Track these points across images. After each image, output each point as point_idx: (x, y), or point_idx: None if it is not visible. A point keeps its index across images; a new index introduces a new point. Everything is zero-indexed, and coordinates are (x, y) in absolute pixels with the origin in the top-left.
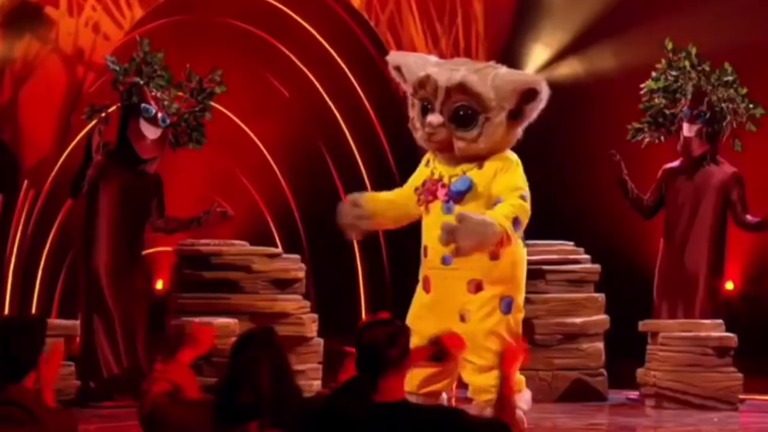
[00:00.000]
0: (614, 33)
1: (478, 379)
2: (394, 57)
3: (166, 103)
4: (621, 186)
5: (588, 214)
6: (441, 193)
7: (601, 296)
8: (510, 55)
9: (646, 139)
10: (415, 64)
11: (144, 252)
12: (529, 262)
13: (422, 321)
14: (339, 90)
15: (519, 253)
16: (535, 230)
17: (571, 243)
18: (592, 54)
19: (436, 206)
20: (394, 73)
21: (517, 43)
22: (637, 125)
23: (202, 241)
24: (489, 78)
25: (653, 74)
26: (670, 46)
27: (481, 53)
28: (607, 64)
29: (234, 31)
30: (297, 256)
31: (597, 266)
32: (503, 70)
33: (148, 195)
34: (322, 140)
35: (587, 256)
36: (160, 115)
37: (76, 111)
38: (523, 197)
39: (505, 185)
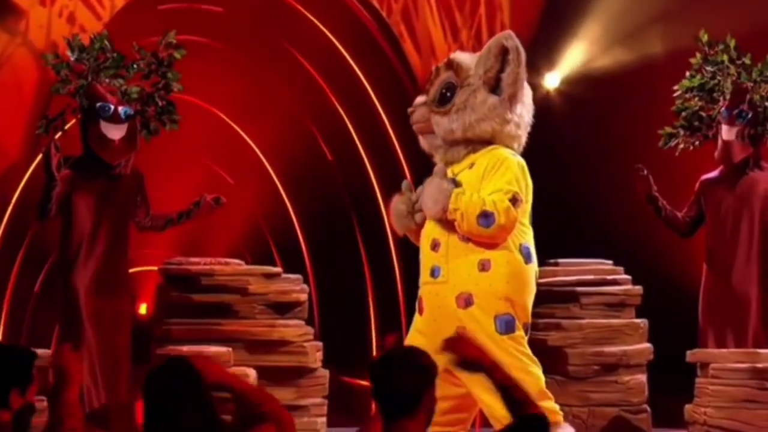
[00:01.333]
0: (660, 23)
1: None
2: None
3: (124, 88)
4: (650, 204)
5: (627, 228)
6: None
7: (643, 322)
8: (540, 48)
9: (680, 146)
10: None
11: (129, 270)
12: (562, 284)
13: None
14: (346, 88)
15: (515, 266)
16: (567, 248)
17: (609, 262)
18: (635, 47)
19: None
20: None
21: (548, 35)
22: (669, 130)
23: (192, 259)
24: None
25: (687, 74)
26: (705, 38)
27: None
28: (653, 58)
29: (227, 22)
30: (299, 277)
31: (638, 288)
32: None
33: (129, 197)
34: (328, 145)
35: (627, 277)
36: (120, 109)
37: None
38: (512, 199)
39: (492, 187)
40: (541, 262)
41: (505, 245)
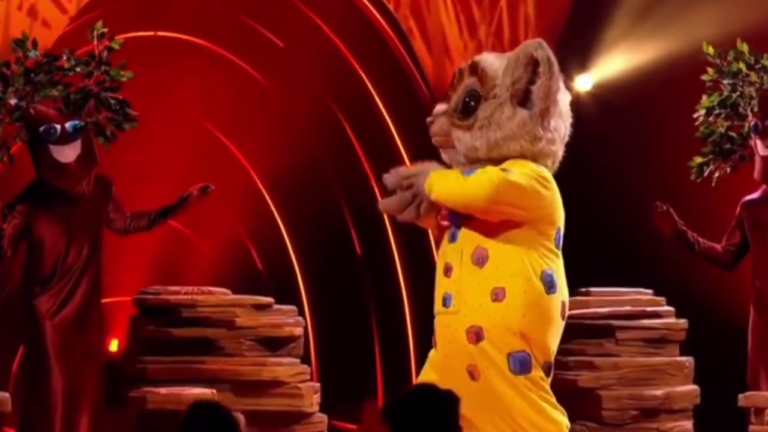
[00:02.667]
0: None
1: None
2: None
3: (67, 95)
4: (679, 240)
5: (669, 253)
6: (442, 220)
7: (688, 360)
8: (570, 46)
9: (715, 174)
10: None
11: (101, 300)
12: (595, 317)
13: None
14: (347, 92)
15: (533, 296)
16: (602, 275)
17: (649, 291)
18: (683, 39)
19: (446, 234)
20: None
21: (578, 32)
22: (699, 159)
23: (170, 288)
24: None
25: (704, 97)
26: (710, 50)
27: None
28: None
29: (210, 16)
30: (293, 308)
31: (683, 321)
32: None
33: (97, 214)
34: (327, 156)
35: (670, 308)
36: (68, 125)
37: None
38: (503, 170)
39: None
40: (571, 291)
41: (522, 271)
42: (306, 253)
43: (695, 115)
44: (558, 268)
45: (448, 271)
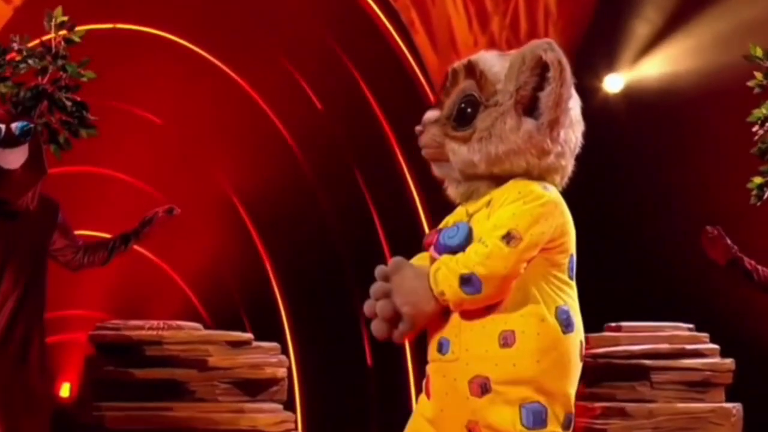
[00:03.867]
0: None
1: None
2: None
3: (17, 93)
4: (734, 269)
5: (712, 282)
6: (432, 248)
7: (736, 407)
8: (597, 41)
9: None
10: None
11: (45, 338)
12: (627, 356)
13: None
14: (340, 95)
15: (549, 338)
16: (634, 307)
17: (690, 326)
18: (726, 42)
19: None
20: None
21: (608, 26)
22: (758, 180)
23: (132, 322)
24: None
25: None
26: (758, 51)
27: (553, 39)
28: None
29: (181, 8)
30: (275, 345)
31: (729, 361)
32: None
33: (41, 237)
34: (315, 173)
35: (713, 347)
36: (14, 126)
37: None
38: (505, 237)
39: (492, 223)
40: (598, 326)
41: (535, 309)
42: (290, 283)
43: (754, 129)
44: (574, 303)
45: (445, 311)
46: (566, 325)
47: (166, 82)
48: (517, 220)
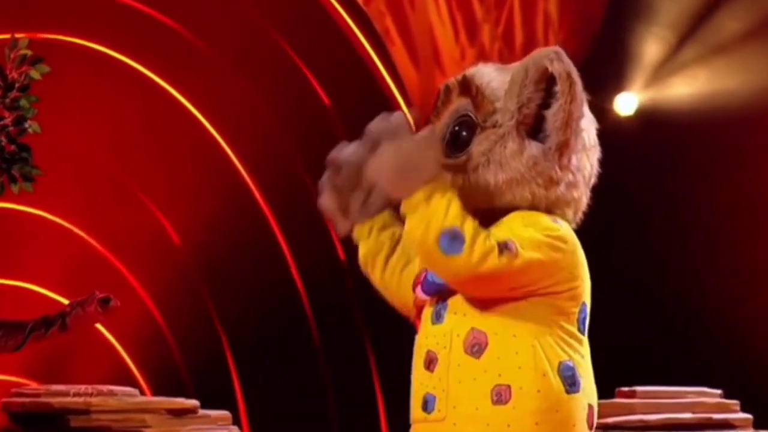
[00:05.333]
0: None
1: None
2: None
3: None
4: None
5: (744, 339)
6: (419, 293)
7: None
8: (603, 58)
9: None
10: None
11: None
12: (643, 426)
13: None
14: (303, 119)
15: (550, 397)
16: (651, 369)
17: (717, 392)
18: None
19: (426, 313)
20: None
21: (618, 37)
22: None
23: (54, 387)
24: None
25: None
26: None
27: None
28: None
29: (113, 14)
30: (225, 414)
31: None
32: None
33: None
34: (271, 209)
35: (746, 416)
36: None
37: None
38: (501, 245)
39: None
40: (608, 391)
41: (534, 362)
42: (244, 339)
43: None
44: (583, 360)
45: (430, 363)
46: (570, 384)
47: (92, 101)
48: (519, 239)
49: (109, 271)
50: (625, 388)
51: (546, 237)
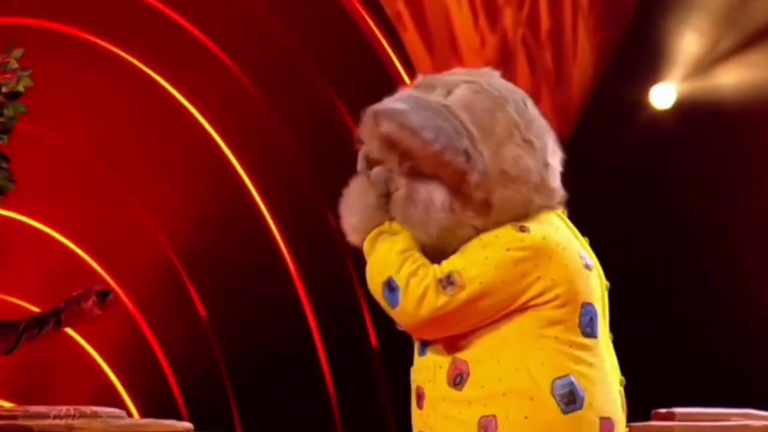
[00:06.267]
0: None
1: None
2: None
3: None
4: None
5: None
6: None
7: None
8: (642, 41)
9: None
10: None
11: None
12: None
13: None
14: (307, 115)
15: (544, 422)
16: (691, 389)
17: (766, 414)
18: None
19: (415, 344)
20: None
21: (649, 24)
22: None
23: (33, 409)
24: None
25: None
26: None
27: (584, 41)
28: None
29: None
30: None
31: None
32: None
33: None
34: (273, 216)
35: None
36: None
37: None
38: (445, 279)
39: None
40: (643, 412)
41: (519, 387)
42: (241, 357)
43: None
44: (590, 369)
45: (419, 399)
46: (568, 402)
47: (80, 95)
48: (470, 264)
49: (93, 281)
50: (663, 410)
51: (507, 252)
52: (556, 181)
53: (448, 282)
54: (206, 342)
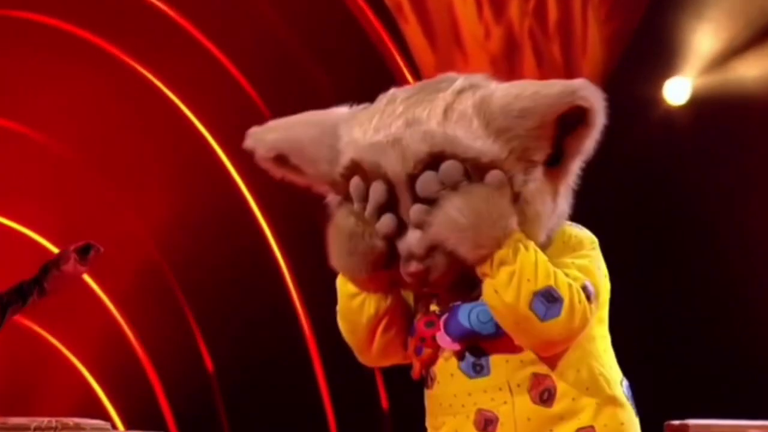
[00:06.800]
0: None
1: None
2: (262, 137)
3: None
4: None
5: None
6: (443, 339)
7: None
8: (656, 33)
9: None
10: (311, 140)
11: None
12: None
13: None
14: (291, 106)
15: (630, 421)
16: (706, 396)
17: None
18: None
19: (449, 365)
20: (272, 168)
21: (666, 15)
22: None
23: (13, 420)
24: (479, 111)
25: None
26: None
27: (594, 33)
28: None
29: None
30: None
31: None
32: (502, 86)
33: None
34: (270, 222)
35: None
36: None
37: None
38: (588, 294)
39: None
40: (656, 425)
41: (607, 393)
42: (232, 368)
43: None
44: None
45: (487, 424)
46: (633, 404)
47: (66, 91)
48: (583, 271)
49: (76, 286)
50: (676, 422)
51: (593, 251)
52: None
53: (589, 293)
54: (195, 351)
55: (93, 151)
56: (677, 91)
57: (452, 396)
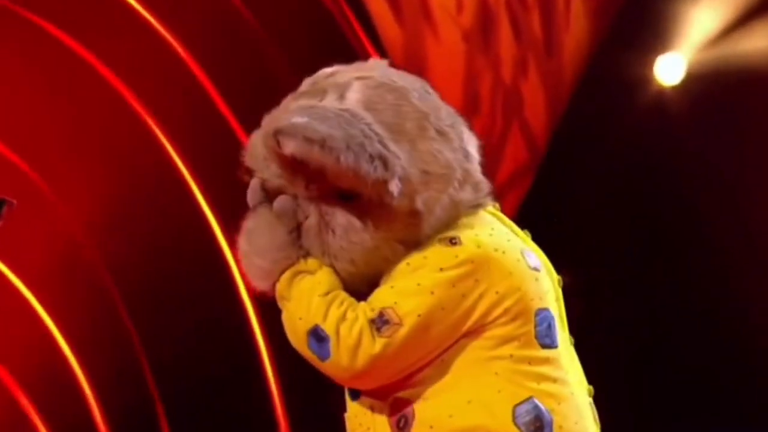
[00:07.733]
0: None
1: None
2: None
3: None
4: None
5: None
6: None
7: None
8: (644, 9)
9: None
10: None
11: None
12: None
13: None
14: (256, 97)
15: None
16: (709, 409)
17: None
18: None
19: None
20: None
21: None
22: None
23: None
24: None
25: None
26: None
27: (578, 4)
28: None
29: None
30: None
31: None
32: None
33: None
34: (223, 224)
35: None
36: None
37: None
38: (377, 318)
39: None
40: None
41: (476, 425)
42: (178, 386)
43: None
44: (554, 385)
45: None
46: (534, 430)
47: None
48: (401, 296)
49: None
50: None
51: (441, 272)
52: (479, 172)
53: (381, 322)
54: (138, 368)
55: (18, 133)
56: (670, 69)
57: (347, 419)
